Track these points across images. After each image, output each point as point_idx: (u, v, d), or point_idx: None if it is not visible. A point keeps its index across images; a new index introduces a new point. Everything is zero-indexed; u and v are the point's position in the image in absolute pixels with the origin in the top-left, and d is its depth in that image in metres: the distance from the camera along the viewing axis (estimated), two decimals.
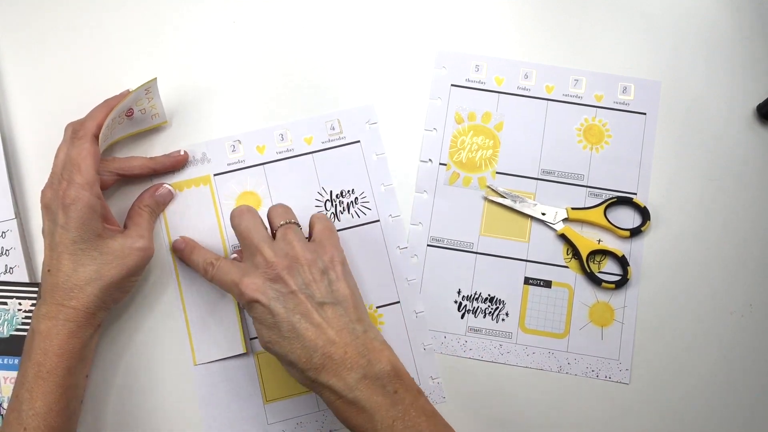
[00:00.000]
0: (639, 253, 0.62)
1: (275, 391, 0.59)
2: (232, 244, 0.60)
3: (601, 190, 0.63)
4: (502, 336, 0.61)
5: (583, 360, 0.60)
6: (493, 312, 0.61)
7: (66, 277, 0.50)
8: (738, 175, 0.63)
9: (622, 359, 0.60)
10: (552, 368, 0.60)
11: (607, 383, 0.60)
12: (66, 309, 0.50)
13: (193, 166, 0.62)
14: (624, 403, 0.59)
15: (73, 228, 0.50)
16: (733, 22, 0.66)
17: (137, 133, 0.61)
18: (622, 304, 0.61)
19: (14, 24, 0.64)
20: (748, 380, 0.60)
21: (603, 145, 0.63)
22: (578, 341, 0.60)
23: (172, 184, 0.60)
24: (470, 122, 0.64)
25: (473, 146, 0.63)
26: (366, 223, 0.62)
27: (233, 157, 0.62)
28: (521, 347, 0.60)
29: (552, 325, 0.61)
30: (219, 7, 0.65)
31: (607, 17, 0.66)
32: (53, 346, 0.49)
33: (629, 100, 0.64)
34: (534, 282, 0.61)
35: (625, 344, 0.60)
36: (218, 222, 0.61)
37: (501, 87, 0.64)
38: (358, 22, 0.66)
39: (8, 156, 0.61)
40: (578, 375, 0.60)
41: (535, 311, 0.61)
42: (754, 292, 0.61)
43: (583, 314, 0.61)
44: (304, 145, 0.63)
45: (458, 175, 0.63)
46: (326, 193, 0.62)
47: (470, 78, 0.64)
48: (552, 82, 0.64)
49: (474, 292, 0.61)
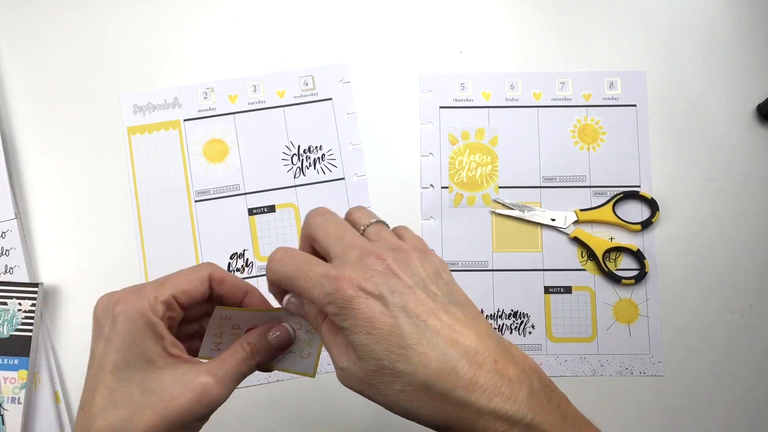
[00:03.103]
0: (652, 244, 0.62)
1: None
2: (196, 189, 0.62)
3: (605, 187, 0.63)
4: (532, 349, 0.60)
5: (615, 360, 0.60)
6: (518, 326, 0.61)
7: (92, 419, 0.35)
8: (738, 176, 0.63)
9: (653, 353, 0.60)
10: (586, 373, 0.60)
11: (643, 378, 0.60)
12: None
13: (164, 110, 0.63)
14: (662, 395, 0.60)
15: (118, 344, 0.36)
16: (733, 22, 0.66)
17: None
18: (644, 297, 0.61)
19: (14, 24, 0.64)
20: (748, 380, 0.60)
21: (599, 143, 0.63)
22: (607, 342, 0.60)
23: (141, 127, 0.61)
24: (465, 141, 0.64)
25: (472, 165, 0.63)
26: (331, 180, 0.62)
27: (204, 104, 0.63)
28: (552, 357, 0.60)
29: (579, 330, 0.61)
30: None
31: (598, 17, 0.66)
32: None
33: (617, 94, 0.64)
34: (554, 290, 0.61)
35: (653, 337, 0.60)
36: (184, 166, 0.62)
37: (489, 101, 0.64)
38: (366, 23, 0.66)
39: (8, 156, 0.61)
40: (613, 375, 0.60)
41: (560, 319, 0.61)
42: (754, 292, 0.62)
43: (608, 314, 0.61)
44: (276, 98, 0.63)
45: (462, 196, 0.63)
46: (294, 147, 0.63)
47: (457, 97, 0.64)
48: (539, 88, 0.64)
49: (497, 309, 0.61)
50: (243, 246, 0.62)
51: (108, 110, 0.63)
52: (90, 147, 0.63)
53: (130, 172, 0.62)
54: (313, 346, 0.40)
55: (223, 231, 0.62)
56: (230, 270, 0.61)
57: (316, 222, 0.38)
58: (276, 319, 0.39)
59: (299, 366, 0.40)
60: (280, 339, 0.39)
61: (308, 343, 0.40)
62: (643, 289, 0.61)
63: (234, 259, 0.62)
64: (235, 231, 0.62)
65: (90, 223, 0.62)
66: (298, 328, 0.40)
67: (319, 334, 0.36)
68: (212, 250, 0.62)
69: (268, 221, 0.62)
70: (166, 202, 0.62)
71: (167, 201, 0.62)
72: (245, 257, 0.62)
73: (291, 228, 0.62)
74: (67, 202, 0.62)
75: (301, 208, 0.62)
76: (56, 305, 0.61)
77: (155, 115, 0.63)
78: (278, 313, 0.39)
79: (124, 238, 0.62)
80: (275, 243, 0.62)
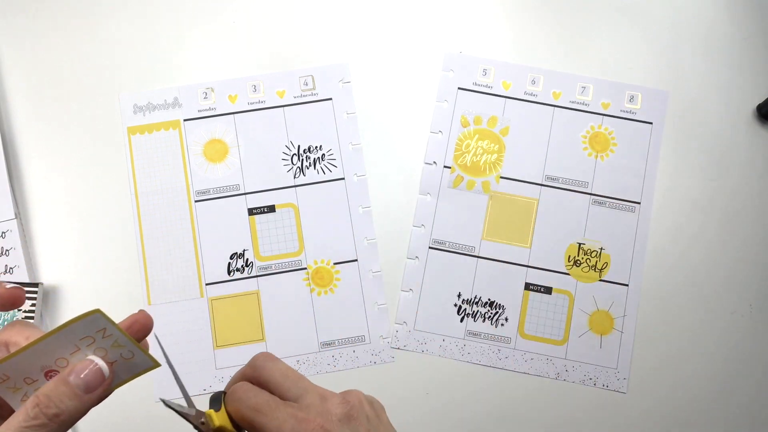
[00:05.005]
0: (640, 262, 0.62)
1: (226, 337, 0.60)
2: (196, 189, 0.61)
3: (605, 198, 0.63)
4: (501, 341, 0.60)
5: (581, 368, 0.60)
6: (492, 317, 0.61)
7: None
8: (738, 175, 0.63)
9: (620, 368, 0.60)
10: (550, 375, 0.60)
11: (604, 392, 0.60)
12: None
13: (164, 110, 0.63)
14: (620, 413, 0.59)
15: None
16: (733, 23, 0.66)
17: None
18: (622, 313, 0.61)
19: (14, 24, 0.64)
20: (747, 380, 0.60)
21: (608, 153, 0.63)
22: (577, 348, 0.60)
23: (140, 127, 0.62)
24: (476, 126, 0.64)
25: (478, 150, 0.63)
26: (331, 180, 0.62)
27: (204, 104, 0.63)
28: (520, 353, 0.60)
29: (551, 331, 0.61)
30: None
31: (608, 20, 0.66)
32: None
33: (636, 109, 0.64)
34: (534, 288, 0.61)
35: (623, 353, 0.60)
36: (184, 166, 0.62)
37: (508, 92, 0.64)
38: (368, 24, 0.66)
39: (8, 156, 0.61)
40: (575, 382, 0.60)
41: (534, 317, 0.61)
42: (754, 292, 0.61)
43: (583, 321, 0.61)
44: (276, 98, 0.64)
45: (462, 179, 0.63)
46: (294, 147, 0.63)
47: (477, 82, 0.64)
48: (559, 88, 0.64)
49: (474, 296, 0.61)
50: (243, 246, 0.61)
51: (108, 110, 0.63)
52: (90, 147, 0.62)
53: (130, 172, 0.62)
54: (124, 343, 0.33)
55: (223, 231, 0.62)
56: (230, 270, 0.61)
57: (269, 366, 0.39)
58: (60, 350, 0.32)
59: (135, 367, 0.34)
60: (88, 377, 0.33)
61: (117, 345, 0.33)
62: (623, 304, 0.61)
63: (234, 259, 0.61)
64: (235, 231, 0.62)
65: (90, 223, 0.61)
66: (95, 348, 0.33)
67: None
68: (212, 250, 0.61)
69: (268, 221, 0.62)
70: (166, 202, 0.62)
71: (167, 201, 0.62)
72: (245, 257, 0.61)
73: (291, 228, 0.62)
74: (67, 202, 0.62)
75: (301, 207, 0.62)
76: (56, 305, 0.60)
77: (155, 115, 0.63)
78: (57, 340, 0.31)
79: (124, 238, 0.61)
80: (275, 243, 0.61)
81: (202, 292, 0.60)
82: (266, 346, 0.60)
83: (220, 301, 0.60)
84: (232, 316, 0.60)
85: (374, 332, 0.60)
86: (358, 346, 0.60)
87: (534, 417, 0.59)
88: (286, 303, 0.60)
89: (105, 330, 0.32)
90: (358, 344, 0.60)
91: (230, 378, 0.39)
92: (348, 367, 0.60)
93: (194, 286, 0.60)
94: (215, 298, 0.60)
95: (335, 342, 0.60)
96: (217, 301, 0.60)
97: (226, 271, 0.61)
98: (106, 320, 0.31)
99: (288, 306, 0.60)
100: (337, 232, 0.62)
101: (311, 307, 0.60)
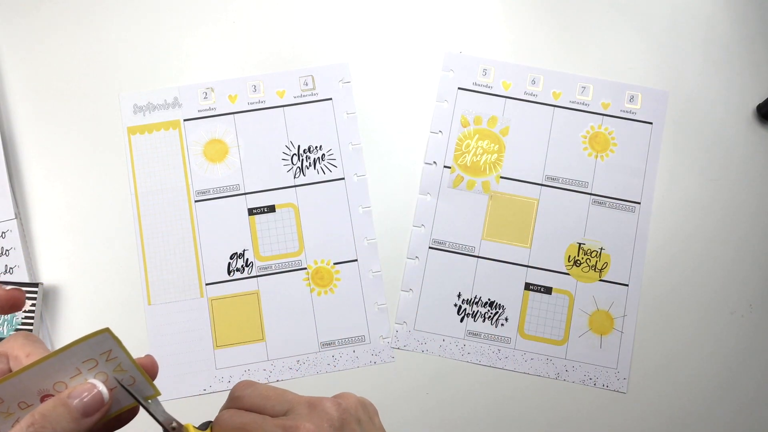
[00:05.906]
0: (640, 262, 0.62)
1: (226, 337, 0.59)
2: (196, 189, 0.61)
3: (605, 198, 0.63)
4: (501, 341, 0.60)
5: (581, 368, 0.60)
6: (492, 316, 0.61)
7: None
8: (738, 175, 0.63)
9: (620, 368, 0.60)
10: (550, 375, 0.60)
11: (604, 392, 0.60)
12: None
13: (164, 110, 0.63)
14: (620, 413, 0.59)
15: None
16: (733, 23, 0.66)
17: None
18: (622, 313, 0.61)
19: (14, 24, 0.64)
20: (747, 380, 0.60)
21: (608, 153, 0.63)
22: (577, 349, 0.60)
23: (140, 127, 0.62)
24: (476, 126, 0.64)
25: (478, 150, 0.63)
26: (331, 180, 0.62)
27: (204, 104, 0.63)
28: (520, 353, 0.60)
29: (551, 331, 0.61)
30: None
31: (608, 20, 0.66)
32: None
33: (636, 109, 0.64)
34: (535, 288, 0.61)
35: (623, 353, 0.60)
36: (184, 166, 0.62)
37: (508, 92, 0.64)
38: (368, 24, 0.66)
39: (8, 156, 0.61)
40: (575, 382, 0.60)
41: (534, 317, 0.61)
42: (754, 292, 0.62)
43: (583, 322, 0.61)
44: (276, 98, 0.63)
45: (462, 179, 0.63)
46: (294, 147, 0.63)
47: (477, 82, 0.64)
48: (559, 88, 0.64)
49: (474, 296, 0.61)
50: (243, 246, 0.61)
51: (108, 110, 0.63)
52: (90, 147, 0.62)
53: (130, 172, 0.62)
54: (127, 368, 0.32)
55: (223, 231, 0.62)
56: (230, 270, 0.61)
57: (248, 393, 0.38)
58: (60, 372, 0.30)
59: (135, 395, 0.32)
60: (88, 401, 0.31)
61: (120, 370, 0.32)
62: (623, 304, 0.61)
63: (234, 259, 0.61)
64: (235, 231, 0.62)
65: (90, 223, 0.61)
66: (96, 372, 0.31)
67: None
68: (212, 250, 0.61)
69: (268, 221, 0.62)
70: (166, 202, 0.62)
71: (167, 201, 0.62)
72: (245, 257, 0.61)
73: (291, 228, 0.62)
74: (67, 202, 0.62)
75: (301, 207, 0.62)
76: (56, 305, 0.60)
77: (155, 115, 0.63)
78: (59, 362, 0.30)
79: (124, 238, 0.61)
80: (275, 243, 0.61)
81: (202, 292, 0.60)
82: (266, 346, 0.60)
83: (220, 301, 0.60)
84: (232, 316, 0.60)
85: (374, 332, 0.60)
86: (358, 346, 0.60)
87: (534, 417, 0.59)
88: (286, 303, 0.60)
89: (110, 352, 0.31)
90: (358, 344, 0.60)
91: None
92: (348, 367, 0.60)
93: (194, 286, 0.60)
94: (215, 298, 0.60)
95: (335, 342, 0.60)
96: (217, 301, 0.60)
97: (226, 271, 0.61)
98: (113, 340, 0.30)
99: (288, 306, 0.60)
100: (337, 232, 0.62)
101: (311, 307, 0.60)
